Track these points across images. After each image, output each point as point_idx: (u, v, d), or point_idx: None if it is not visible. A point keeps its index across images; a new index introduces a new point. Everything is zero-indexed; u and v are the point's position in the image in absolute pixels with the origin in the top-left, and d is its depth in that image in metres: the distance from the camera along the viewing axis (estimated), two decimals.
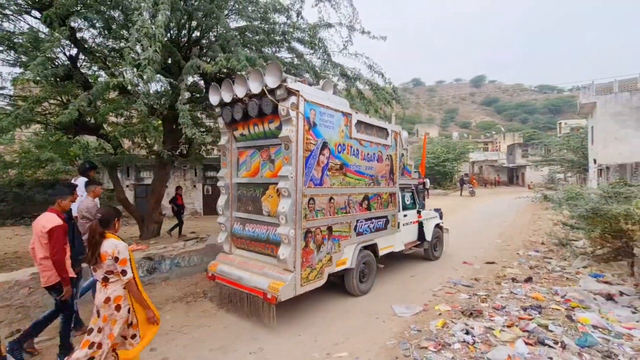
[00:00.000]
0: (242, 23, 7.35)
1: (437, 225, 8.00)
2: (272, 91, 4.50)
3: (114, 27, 6.31)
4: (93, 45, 7.11)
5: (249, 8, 7.02)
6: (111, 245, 3.08)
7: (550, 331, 4.22)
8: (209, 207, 16.73)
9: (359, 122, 5.56)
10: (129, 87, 4.84)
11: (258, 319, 4.72)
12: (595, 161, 18.86)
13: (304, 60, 7.65)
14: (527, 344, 3.94)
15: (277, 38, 7.46)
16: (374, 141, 5.89)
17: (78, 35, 6.70)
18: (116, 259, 3.06)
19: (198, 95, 7.93)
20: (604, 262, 6.87)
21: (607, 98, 18.04)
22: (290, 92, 4.43)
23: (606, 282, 5.92)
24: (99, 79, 6.87)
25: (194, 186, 16.28)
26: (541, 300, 5.24)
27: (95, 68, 7.51)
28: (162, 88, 7.94)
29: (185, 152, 8.85)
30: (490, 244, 9.45)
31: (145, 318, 3.23)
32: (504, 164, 49.78)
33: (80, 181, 5.30)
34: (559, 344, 3.88)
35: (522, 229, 11.87)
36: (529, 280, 6.22)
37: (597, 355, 3.72)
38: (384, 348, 4.06)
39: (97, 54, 7.06)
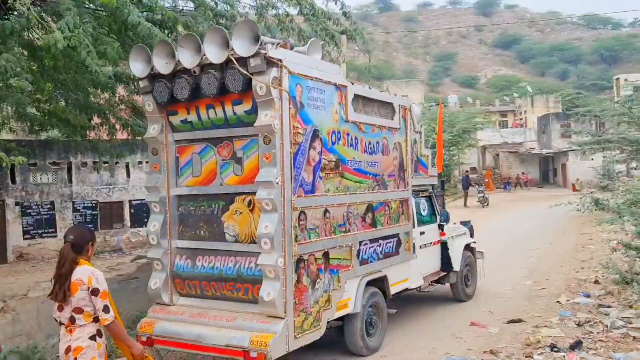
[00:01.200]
0: None
1: (467, 247, 9.68)
2: (241, 60, 5.61)
3: None
4: None
5: None
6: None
7: None
8: None
9: (356, 97, 6.91)
10: None
11: None
12: None
13: None
14: None
15: None
16: (377, 124, 7.31)
17: None
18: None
19: None
20: None
21: None
22: (270, 63, 5.58)
23: None
24: None
25: None
26: None
27: None
28: None
29: None
30: (514, 289, 10.57)
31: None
32: (533, 150, 52.83)
33: None
34: None
35: (565, 260, 13.25)
36: (576, 345, 6.90)
37: None
38: None
39: None
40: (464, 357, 6.84)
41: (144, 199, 19.86)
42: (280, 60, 5.63)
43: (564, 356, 6.59)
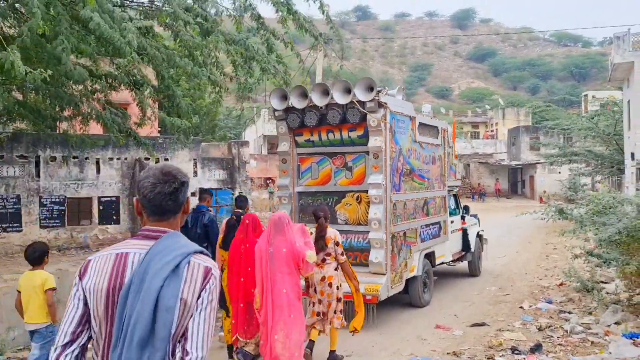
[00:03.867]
0: None
1: (477, 234, 12.68)
2: (360, 102, 8.41)
3: None
4: None
5: None
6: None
7: None
8: None
9: (420, 124, 9.78)
10: None
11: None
12: (633, 156, 22.74)
13: None
14: None
15: None
16: (430, 142, 10.23)
17: None
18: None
19: None
20: None
21: None
22: (379, 105, 8.40)
23: None
24: None
25: None
26: None
27: None
28: None
29: None
30: (479, 294, 11.21)
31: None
32: (502, 161, 53.11)
33: None
34: None
35: (529, 268, 14.31)
36: (536, 349, 7.26)
37: None
38: None
39: None
40: (428, 357, 7.22)
41: (113, 196, 20.34)
42: (386, 103, 8.47)
43: (524, 358, 7.02)
